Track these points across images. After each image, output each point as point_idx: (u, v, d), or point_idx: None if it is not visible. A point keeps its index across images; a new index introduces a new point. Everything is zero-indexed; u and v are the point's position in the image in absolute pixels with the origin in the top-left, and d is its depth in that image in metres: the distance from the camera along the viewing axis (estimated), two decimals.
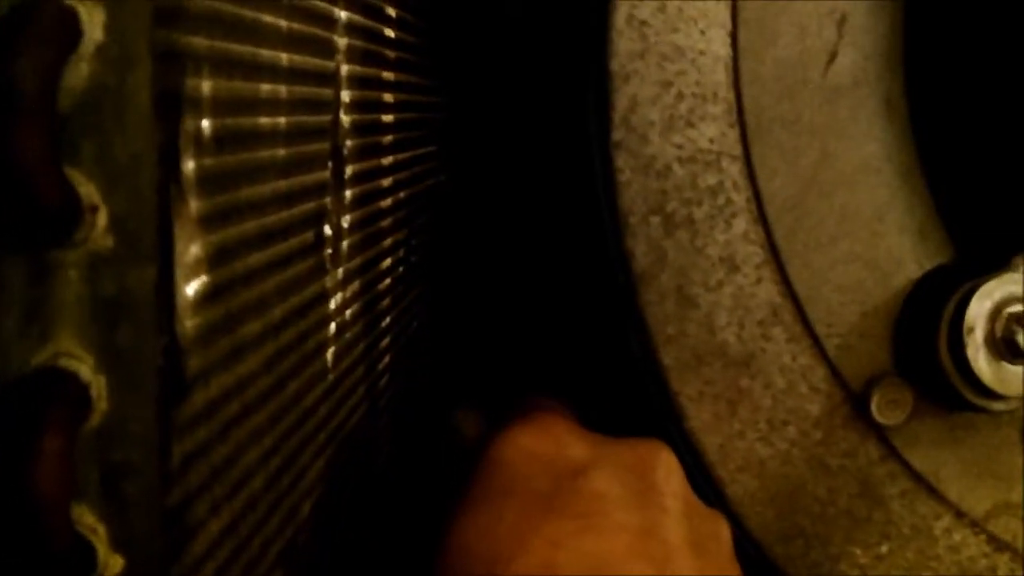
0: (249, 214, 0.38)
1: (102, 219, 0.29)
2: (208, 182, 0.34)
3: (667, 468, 0.46)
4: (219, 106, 0.35)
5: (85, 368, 0.30)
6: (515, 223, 0.77)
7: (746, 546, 0.55)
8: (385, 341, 0.66)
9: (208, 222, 0.34)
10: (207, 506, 0.36)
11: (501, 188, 0.79)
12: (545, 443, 0.46)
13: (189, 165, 0.33)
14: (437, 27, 0.75)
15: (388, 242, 0.66)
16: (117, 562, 0.31)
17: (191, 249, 0.33)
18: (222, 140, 0.35)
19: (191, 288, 0.33)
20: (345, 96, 0.52)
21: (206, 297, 0.34)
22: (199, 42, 0.33)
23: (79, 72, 0.28)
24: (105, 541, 0.31)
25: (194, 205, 0.33)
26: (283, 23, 0.42)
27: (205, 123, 0.34)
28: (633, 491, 0.44)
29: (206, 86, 0.34)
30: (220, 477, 0.37)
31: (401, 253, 0.70)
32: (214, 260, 0.35)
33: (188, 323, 0.33)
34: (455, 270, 0.83)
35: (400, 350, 0.69)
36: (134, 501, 0.31)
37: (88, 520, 0.30)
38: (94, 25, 0.28)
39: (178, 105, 0.31)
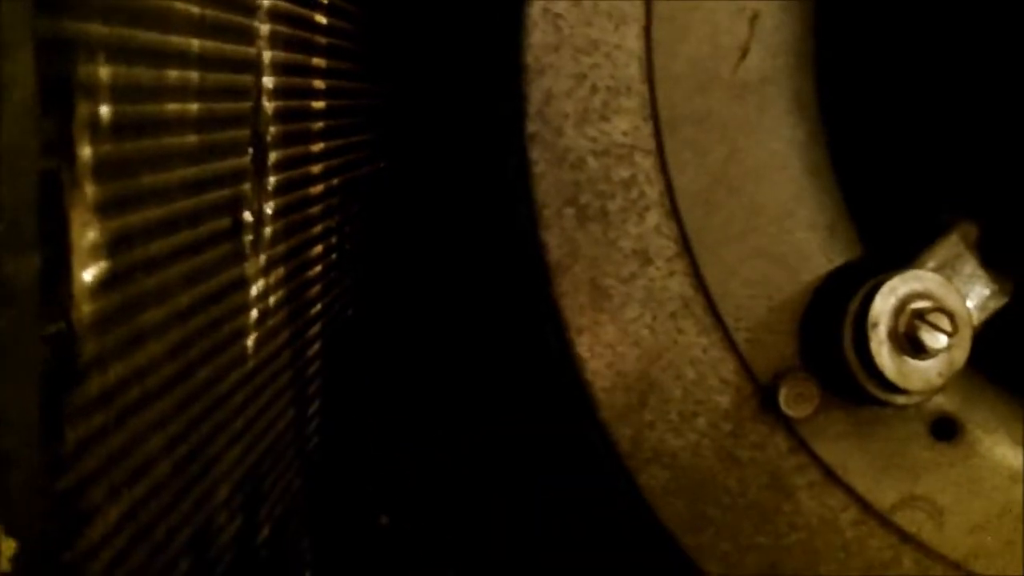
0: (153, 200, 0.38)
1: None
2: (106, 168, 0.34)
3: None
4: (119, 93, 0.35)
5: None
6: (442, 212, 0.78)
7: (658, 536, 0.56)
8: (314, 328, 0.66)
9: (107, 208, 0.34)
10: (104, 491, 0.36)
11: (430, 177, 0.79)
12: None
13: (85, 152, 0.33)
14: (374, 15, 0.75)
15: (318, 229, 0.66)
16: (10, 546, 0.31)
17: (88, 235, 0.33)
18: (122, 127, 0.35)
19: (88, 274, 0.33)
20: (268, 83, 0.52)
21: (104, 283, 0.34)
22: (95, 29, 0.33)
23: None
24: None
25: (91, 191, 0.33)
26: (195, 10, 0.42)
27: (103, 109, 0.34)
28: None
29: (103, 73, 0.34)
30: (119, 463, 0.37)
31: (334, 240, 0.70)
32: (113, 246, 0.35)
33: (84, 309, 0.33)
34: (392, 256, 0.83)
35: (332, 337, 0.69)
36: (20, 487, 0.31)
37: None
38: None
39: (69, 92, 0.31)
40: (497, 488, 0.78)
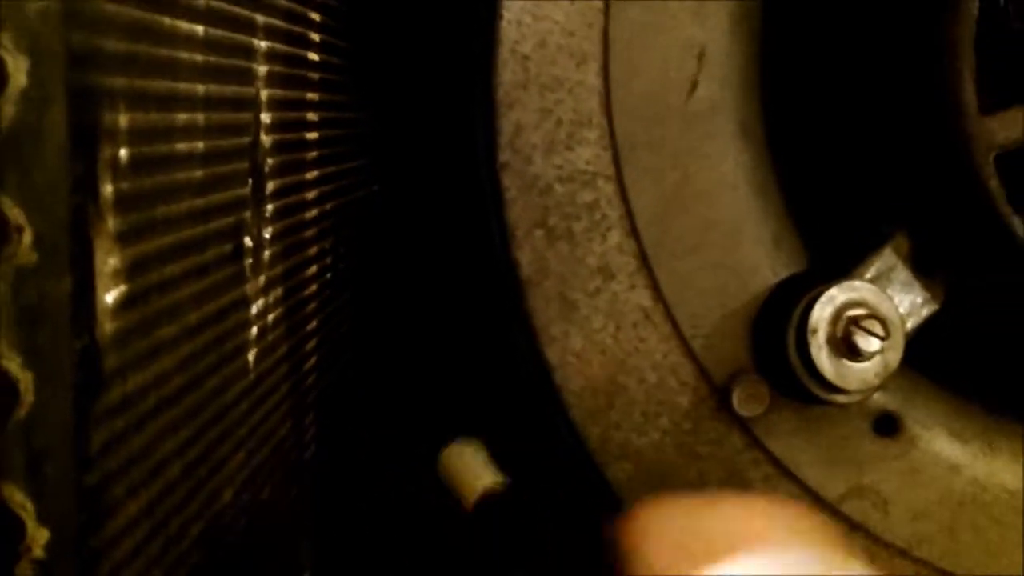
0: (165, 229, 0.43)
1: (27, 238, 0.33)
2: (125, 203, 0.38)
3: None
4: (136, 136, 0.39)
5: (14, 366, 0.34)
6: (422, 234, 0.82)
7: None
8: (310, 344, 0.70)
9: (125, 238, 0.39)
10: (124, 488, 0.40)
11: (419, 200, 0.83)
12: None
13: (107, 189, 0.37)
14: (361, 48, 0.79)
15: (313, 251, 0.70)
16: (43, 534, 0.35)
17: (109, 262, 0.37)
18: (139, 166, 0.39)
19: (110, 296, 0.38)
20: (265, 118, 0.57)
21: (123, 304, 0.39)
22: (115, 81, 0.37)
23: (5, 113, 0.33)
24: (33, 516, 0.35)
25: (112, 223, 0.37)
26: (199, 58, 0.47)
27: (122, 152, 0.38)
28: None
29: (123, 119, 0.38)
30: (138, 463, 0.41)
31: (328, 261, 0.74)
32: (131, 271, 0.39)
33: (107, 326, 0.37)
34: (384, 276, 0.87)
35: (327, 353, 0.73)
36: (55, 481, 0.35)
37: (18, 498, 0.35)
38: (18, 71, 0.33)
39: (95, 137, 0.36)
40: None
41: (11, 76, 0.32)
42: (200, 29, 0.46)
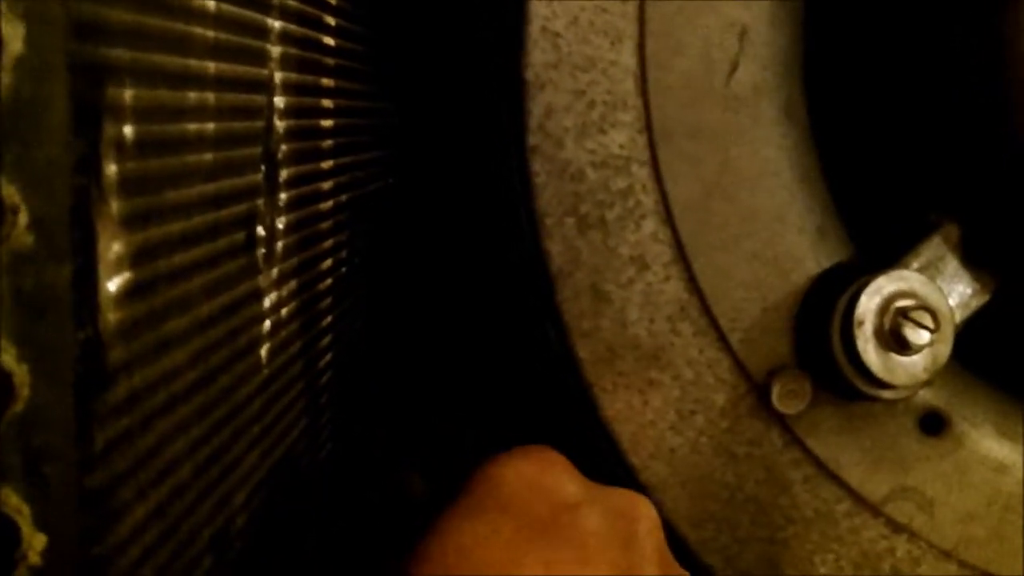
0: (174, 215, 0.40)
1: (23, 219, 0.31)
2: (130, 185, 0.36)
3: (650, 521, 0.49)
4: (142, 114, 0.37)
5: (8, 357, 0.32)
6: (448, 225, 0.80)
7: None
8: (325, 340, 0.68)
9: (131, 222, 0.36)
10: (132, 491, 0.38)
11: (436, 193, 0.81)
12: (544, 474, 0.49)
13: (111, 169, 0.35)
14: (379, 35, 0.77)
15: (328, 244, 0.68)
16: (40, 541, 0.33)
17: (113, 247, 0.35)
18: (145, 146, 0.37)
19: (113, 284, 0.35)
20: (279, 102, 0.55)
21: (129, 293, 0.36)
22: (120, 54, 0.35)
23: (0, 82, 0.30)
24: (29, 521, 0.33)
25: (116, 206, 0.35)
26: (211, 34, 0.44)
27: (127, 130, 0.36)
28: (620, 535, 0.47)
29: (128, 95, 0.36)
30: (145, 464, 0.39)
31: (343, 254, 0.72)
32: (137, 258, 0.37)
33: (110, 317, 0.35)
34: (401, 270, 0.85)
35: (341, 349, 0.71)
36: (55, 483, 0.33)
37: (13, 501, 0.32)
38: (15, 38, 0.30)
39: (98, 114, 0.34)
40: None
41: (6, 42, 0.30)
42: (211, 3, 0.44)
